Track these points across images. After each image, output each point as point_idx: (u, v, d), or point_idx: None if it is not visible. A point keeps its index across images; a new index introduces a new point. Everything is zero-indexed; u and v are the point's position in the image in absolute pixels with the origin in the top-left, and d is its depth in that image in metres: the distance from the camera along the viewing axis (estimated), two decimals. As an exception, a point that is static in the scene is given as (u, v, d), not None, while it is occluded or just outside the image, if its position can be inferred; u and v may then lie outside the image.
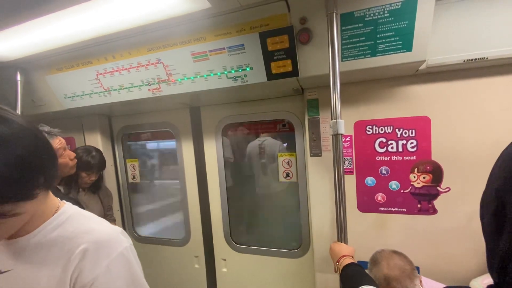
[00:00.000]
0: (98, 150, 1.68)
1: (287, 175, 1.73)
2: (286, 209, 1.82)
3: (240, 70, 1.29)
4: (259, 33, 1.17)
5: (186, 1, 1.06)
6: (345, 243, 1.14)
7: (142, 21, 1.17)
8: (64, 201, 0.66)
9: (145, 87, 1.46)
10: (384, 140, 1.34)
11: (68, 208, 0.64)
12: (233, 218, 1.88)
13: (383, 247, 1.16)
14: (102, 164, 1.67)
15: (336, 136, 1.09)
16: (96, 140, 1.98)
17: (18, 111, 1.59)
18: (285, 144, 1.78)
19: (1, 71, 1.57)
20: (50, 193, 0.63)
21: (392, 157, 1.33)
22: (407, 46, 1.06)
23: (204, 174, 1.88)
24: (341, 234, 1.14)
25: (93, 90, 1.56)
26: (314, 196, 1.48)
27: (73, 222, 0.61)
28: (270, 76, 1.27)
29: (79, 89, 1.58)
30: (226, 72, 1.31)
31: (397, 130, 1.31)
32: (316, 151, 1.45)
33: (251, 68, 1.27)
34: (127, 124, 2.06)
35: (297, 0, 1.08)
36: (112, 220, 1.83)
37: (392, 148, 1.33)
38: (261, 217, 1.92)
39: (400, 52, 1.08)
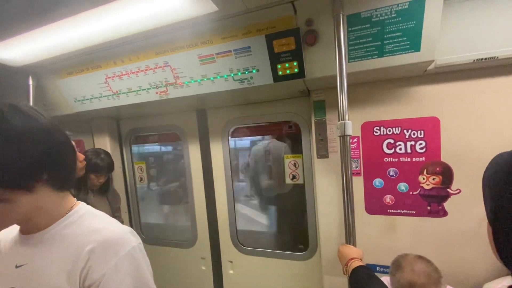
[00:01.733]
0: (106, 153, 1.71)
1: (294, 177, 1.72)
2: (292, 211, 1.81)
3: (247, 72, 1.30)
4: (265, 35, 1.17)
5: (194, 4, 1.08)
6: (353, 245, 1.12)
7: (150, 25, 1.19)
8: (80, 201, 0.69)
9: (152, 90, 1.48)
10: (392, 141, 1.32)
11: (81, 207, 0.66)
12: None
13: (392, 250, 1.14)
14: (110, 166, 1.69)
15: (343, 137, 1.09)
16: (104, 143, 2.01)
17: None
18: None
19: (14, 76, 1.62)
20: (67, 193, 0.65)
21: (401, 159, 1.31)
22: (415, 46, 1.05)
23: (211, 176, 1.89)
24: (349, 236, 1.13)
25: (102, 94, 1.59)
26: (321, 198, 1.47)
27: (85, 221, 0.63)
28: (277, 78, 1.27)
29: (88, 92, 1.62)
30: (232, 75, 1.32)
31: (405, 131, 1.30)
32: (323, 153, 1.45)
33: (258, 70, 1.28)
34: (134, 126, 2.09)
35: (303, 2, 1.08)
36: (120, 222, 1.85)
37: (400, 149, 1.31)
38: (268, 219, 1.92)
39: (408, 53, 1.07)
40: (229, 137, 1.83)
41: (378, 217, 1.37)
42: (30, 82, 1.63)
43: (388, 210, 1.36)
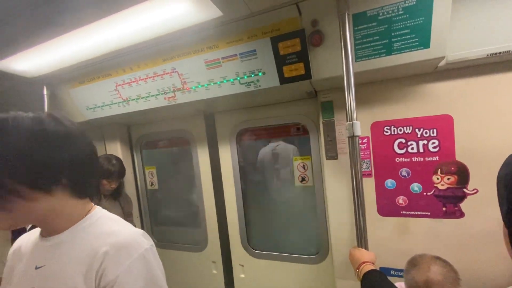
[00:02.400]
0: (118, 159, 1.74)
1: (303, 179, 1.70)
2: (303, 214, 1.79)
3: (253, 76, 1.30)
4: (270, 38, 1.17)
5: (198, 10, 1.09)
6: (365, 248, 1.10)
7: (156, 32, 1.21)
8: (96, 205, 0.72)
9: (161, 96, 1.50)
10: (403, 140, 1.29)
11: (98, 211, 0.69)
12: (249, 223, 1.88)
13: (405, 253, 1.11)
14: (122, 171, 1.73)
15: (352, 138, 1.07)
16: (116, 149, 2.06)
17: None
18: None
19: (30, 86, 1.68)
20: (87, 200, 0.69)
21: (413, 158, 1.28)
22: (424, 43, 1.02)
23: (220, 179, 1.89)
24: (361, 239, 1.10)
25: (112, 101, 1.62)
26: (331, 200, 1.44)
27: (100, 224, 0.66)
28: (283, 80, 1.27)
29: (99, 100, 1.66)
30: (239, 78, 1.32)
31: (417, 130, 1.26)
32: (332, 154, 1.43)
33: (264, 73, 1.28)
34: (145, 132, 2.13)
35: (308, 3, 1.07)
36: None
37: (412, 149, 1.28)
38: (278, 223, 1.91)
39: (417, 50, 1.04)
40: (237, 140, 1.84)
41: (391, 219, 1.34)
42: (45, 92, 1.69)
43: (401, 212, 1.32)
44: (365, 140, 1.35)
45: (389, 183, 1.33)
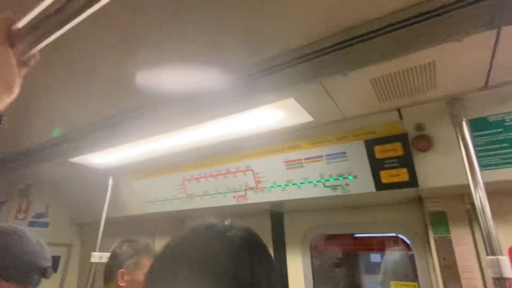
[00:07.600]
0: None
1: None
2: None
3: (341, 179, 1.14)
4: (364, 141, 1.10)
5: (289, 116, 1.05)
6: None
7: (239, 133, 1.17)
8: None
9: (230, 194, 1.33)
10: None
11: None
12: None
13: None
14: None
15: (500, 281, 0.73)
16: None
17: (104, 213, 1.55)
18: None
19: (96, 176, 1.62)
20: None
21: None
22: None
23: None
24: None
25: (176, 195, 1.49)
26: None
27: None
28: (380, 186, 1.09)
29: (162, 194, 1.53)
30: (323, 180, 1.17)
31: None
32: (453, 286, 0.99)
33: (355, 177, 1.12)
34: None
35: (410, 108, 1.06)
36: None
37: None
38: None
39: None
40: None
41: None
42: (110, 182, 1.61)
43: None
44: None
45: None
